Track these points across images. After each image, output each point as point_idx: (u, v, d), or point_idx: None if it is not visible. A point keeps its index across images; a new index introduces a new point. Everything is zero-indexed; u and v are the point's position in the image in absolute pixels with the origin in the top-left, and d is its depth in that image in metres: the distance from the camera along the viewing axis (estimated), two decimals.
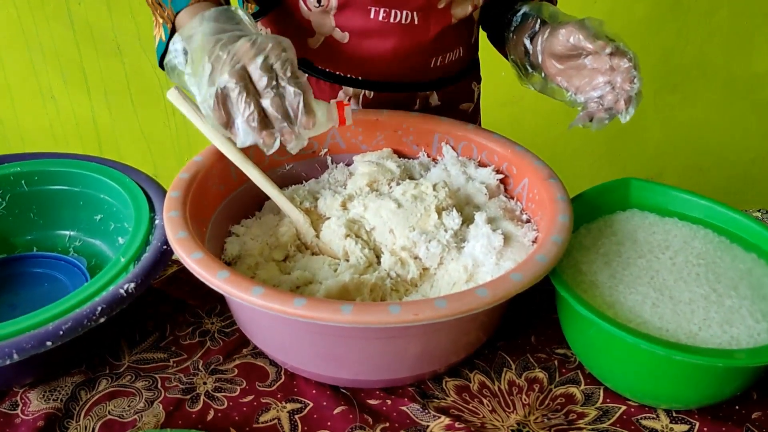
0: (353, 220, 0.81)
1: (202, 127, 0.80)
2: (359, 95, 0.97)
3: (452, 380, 0.75)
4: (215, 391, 0.73)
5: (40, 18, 1.94)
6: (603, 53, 0.77)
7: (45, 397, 0.71)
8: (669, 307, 0.69)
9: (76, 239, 0.89)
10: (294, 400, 0.73)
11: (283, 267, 0.80)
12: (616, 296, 0.70)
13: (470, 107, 1.09)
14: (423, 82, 0.99)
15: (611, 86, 0.77)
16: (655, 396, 0.70)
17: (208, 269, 0.65)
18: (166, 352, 0.78)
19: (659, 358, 0.63)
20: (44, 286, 0.84)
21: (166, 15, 0.79)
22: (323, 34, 0.92)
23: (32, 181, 0.87)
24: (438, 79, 1.00)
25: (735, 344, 0.65)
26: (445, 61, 0.98)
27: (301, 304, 0.60)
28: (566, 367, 0.77)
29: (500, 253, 0.76)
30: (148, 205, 0.81)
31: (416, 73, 0.97)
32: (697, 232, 0.80)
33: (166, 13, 0.78)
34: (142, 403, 0.72)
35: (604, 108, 0.78)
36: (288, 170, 0.91)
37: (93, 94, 2.09)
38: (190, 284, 0.88)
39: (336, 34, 0.91)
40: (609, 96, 0.77)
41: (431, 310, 0.60)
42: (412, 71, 0.96)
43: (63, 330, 0.64)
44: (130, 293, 0.69)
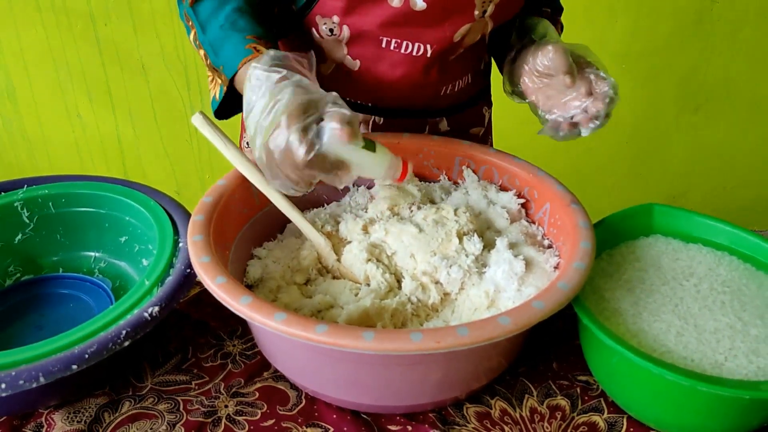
0: (374, 244, 0.81)
1: (225, 152, 0.81)
2: (369, 121, 0.97)
3: (473, 407, 0.75)
4: (236, 415, 0.74)
5: (67, 38, 1.98)
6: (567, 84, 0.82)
7: (69, 419, 0.72)
8: (694, 336, 0.68)
9: (101, 260, 0.90)
10: (314, 424, 0.73)
11: (304, 290, 0.80)
12: (640, 324, 0.70)
13: (480, 131, 1.09)
14: (433, 109, 0.99)
15: (584, 111, 0.82)
16: (680, 426, 0.69)
17: (231, 294, 0.65)
18: (188, 374, 0.79)
19: (684, 388, 0.63)
20: (69, 306, 0.85)
21: (222, 80, 0.80)
22: (335, 60, 0.92)
23: (59, 203, 0.89)
24: (448, 106, 1.00)
25: (762, 375, 0.64)
26: (455, 89, 0.98)
27: (322, 331, 0.61)
28: (589, 394, 0.76)
29: (522, 279, 0.75)
30: (172, 228, 0.82)
31: (426, 101, 0.97)
32: (722, 259, 0.79)
33: (223, 78, 0.80)
34: (164, 426, 0.72)
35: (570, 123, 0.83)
36: (309, 193, 0.91)
37: (118, 112, 2.12)
38: (212, 306, 0.88)
39: (347, 62, 0.92)
40: (579, 116, 0.82)
41: (453, 338, 0.60)
42: (423, 99, 0.97)
43: (88, 353, 0.64)
44: (155, 317, 0.70)
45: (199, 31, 0.82)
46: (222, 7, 0.82)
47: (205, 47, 0.82)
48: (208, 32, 0.81)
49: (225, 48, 0.79)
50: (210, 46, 0.81)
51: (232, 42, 0.79)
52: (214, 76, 0.83)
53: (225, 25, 0.80)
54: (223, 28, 0.80)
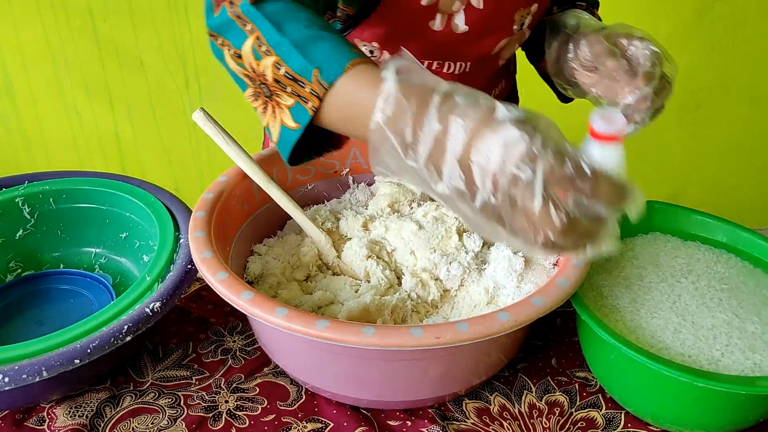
0: (374, 241, 0.82)
1: (225, 148, 0.81)
2: None
3: (472, 402, 0.76)
4: (237, 410, 0.74)
5: (65, 34, 1.98)
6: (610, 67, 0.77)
7: (71, 413, 0.72)
8: (691, 332, 0.69)
9: (102, 256, 0.91)
10: (315, 420, 0.73)
11: (304, 287, 0.81)
12: (638, 321, 0.70)
13: None
14: None
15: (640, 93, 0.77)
16: (677, 422, 0.69)
17: (233, 290, 0.65)
18: (189, 369, 0.79)
19: (681, 384, 0.63)
20: (70, 302, 0.85)
21: (308, 91, 0.60)
22: None
23: (60, 199, 0.89)
24: None
25: (758, 371, 0.65)
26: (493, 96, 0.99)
27: (323, 326, 0.61)
28: (587, 390, 0.77)
29: (521, 276, 0.76)
30: (172, 224, 0.82)
31: None
32: (720, 257, 0.80)
33: (308, 89, 0.60)
34: (165, 420, 0.72)
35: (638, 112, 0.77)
36: (310, 190, 0.92)
37: (116, 109, 2.12)
38: (213, 302, 0.89)
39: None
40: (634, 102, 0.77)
41: (453, 334, 0.61)
42: None
43: (91, 348, 0.65)
44: (156, 312, 0.70)
45: (271, 31, 0.62)
46: (296, 7, 0.65)
47: (281, 50, 0.62)
48: (289, 31, 0.62)
49: (320, 47, 0.61)
50: (294, 46, 0.61)
51: (328, 41, 0.61)
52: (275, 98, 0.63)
53: (311, 25, 0.63)
54: (310, 27, 0.62)
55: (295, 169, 0.90)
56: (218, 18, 0.67)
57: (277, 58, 0.62)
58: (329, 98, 0.59)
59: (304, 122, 0.61)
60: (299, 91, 0.60)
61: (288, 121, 0.62)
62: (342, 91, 0.58)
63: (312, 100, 0.59)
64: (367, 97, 0.55)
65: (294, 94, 0.61)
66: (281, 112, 0.62)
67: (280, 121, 0.63)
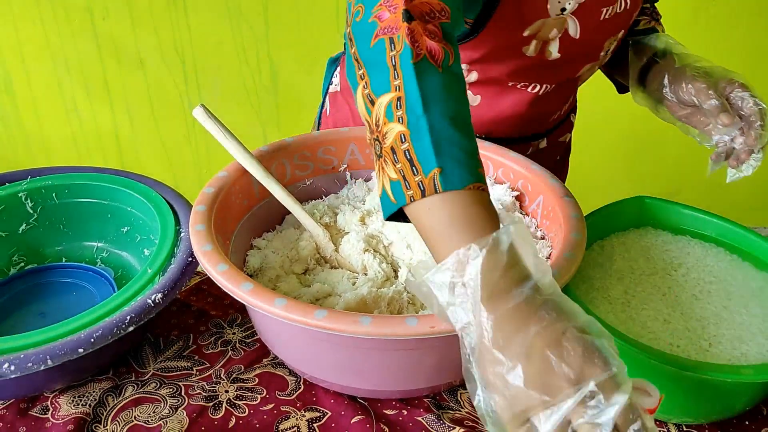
0: (372, 235, 0.83)
1: (226, 144, 0.83)
2: None
3: (467, 392, 0.77)
4: (237, 399, 0.76)
5: (65, 32, 1.99)
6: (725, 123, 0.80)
7: (74, 402, 0.74)
8: (680, 323, 0.70)
9: (104, 250, 0.92)
10: (313, 409, 0.75)
11: (303, 280, 0.82)
12: (629, 312, 0.72)
13: (568, 137, 1.12)
14: (539, 134, 1.02)
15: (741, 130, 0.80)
16: (666, 410, 0.71)
17: (233, 281, 0.67)
18: (190, 360, 0.81)
19: (669, 373, 0.65)
20: (73, 295, 0.87)
21: (417, 182, 0.54)
22: None
23: (62, 194, 0.90)
24: (550, 130, 1.04)
25: (744, 360, 0.67)
26: (561, 113, 1.02)
27: (321, 316, 0.63)
28: None
29: None
30: (173, 218, 0.84)
31: (536, 128, 1.00)
32: (709, 250, 0.82)
33: (418, 179, 0.54)
34: (166, 409, 0.74)
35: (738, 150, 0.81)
36: (308, 185, 0.94)
37: (115, 107, 2.13)
38: (213, 295, 0.90)
39: (468, 96, 0.85)
40: (739, 138, 0.81)
41: (447, 323, 0.62)
42: (533, 128, 0.99)
43: (94, 338, 0.66)
44: (158, 303, 0.72)
45: (415, 103, 0.55)
46: (451, 84, 0.58)
47: (416, 127, 0.55)
48: (432, 114, 0.55)
49: (453, 150, 0.54)
50: (429, 133, 0.54)
51: (463, 149, 0.55)
52: (382, 161, 0.57)
53: (457, 118, 0.56)
54: (455, 121, 0.56)
55: (294, 164, 0.91)
56: (372, 52, 0.59)
57: (407, 131, 0.55)
58: (431, 201, 0.53)
59: (399, 203, 0.56)
60: (407, 174, 0.55)
61: (387, 186, 0.57)
62: (448, 204, 0.53)
63: (415, 192, 0.54)
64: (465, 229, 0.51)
65: (400, 172, 0.55)
66: (384, 177, 0.58)
67: (382, 184, 0.58)
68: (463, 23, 0.78)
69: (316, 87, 2.12)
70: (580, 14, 0.83)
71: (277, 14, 1.98)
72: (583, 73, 0.94)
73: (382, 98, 0.57)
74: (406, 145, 0.55)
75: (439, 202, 0.53)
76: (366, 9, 0.60)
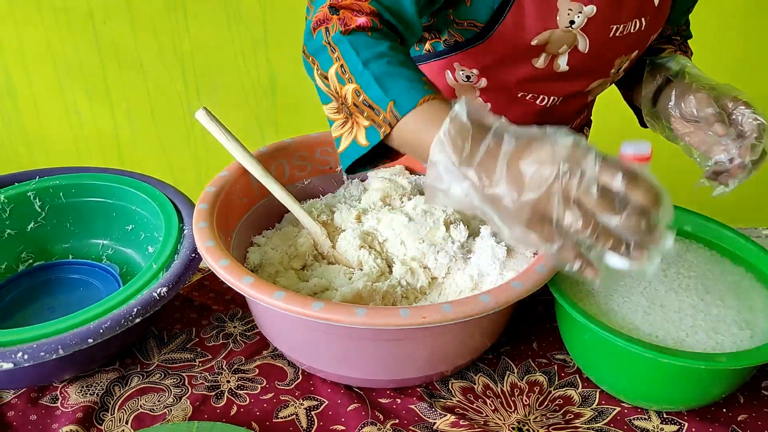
0: (367, 232, 0.87)
1: (227, 145, 0.87)
2: None
3: (458, 382, 0.81)
4: (238, 389, 0.79)
5: (66, 36, 2.02)
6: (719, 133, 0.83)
7: (82, 392, 0.77)
8: (659, 314, 0.74)
9: (109, 248, 0.96)
10: (311, 397, 0.78)
11: (301, 275, 0.86)
12: (611, 305, 0.76)
13: None
14: None
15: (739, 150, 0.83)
16: (647, 398, 0.75)
17: (235, 275, 0.71)
18: (192, 352, 0.84)
19: (648, 361, 0.69)
20: (80, 290, 0.91)
21: (382, 119, 0.67)
22: None
23: (69, 193, 0.94)
24: None
25: (719, 349, 0.70)
26: (573, 126, 1.04)
27: (319, 307, 0.66)
28: (565, 371, 0.82)
29: (504, 264, 0.81)
30: (177, 216, 0.88)
31: None
32: (689, 246, 0.85)
33: (381, 116, 0.67)
34: (171, 398, 0.78)
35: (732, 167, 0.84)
36: (306, 185, 0.97)
37: (116, 109, 2.16)
38: (215, 291, 0.94)
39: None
40: (737, 160, 0.83)
41: (438, 314, 0.66)
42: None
43: (103, 329, 0.70)
44: (163, 296, 0.75)
45: (356, 63, 0.70)
46: (380, 41, 0.72)
47: (362, 80, 0.69)
48: (372, 65, 0.69)
49: (397, 82, 0.67)
50: (373, 79, 0.68)
51: (404, 78, 0.68)
52: (354, 117, 0.71)
53: (392, 61, 0.69)
54: (391, 63, 0.69)
55: (292, 165, 0.95)
56: (314, 42, 0.75)
57: (357, 86, 0.69)
58: (400, 126, 0.66)
59: (373, 142, 0.69)
60: (374, 117, 0.68)
61: (361, 138, 0.70)
62: (412, 121, 0.65)
63: (384, 127, 0.67)
64: (432, 128, 0.62)
65: (369, 118, 0.69)
66: (358, 129, 0.70)
67: (354, 136, 0.71)
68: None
69: (314, 90, 2.15)
70: (589, 30, 0.85)
71: (276, 19, 2.01)
72: (593, 88, 0.96)
73: (330, 71, 0.72)
74: (362, 97, 0.69)
75: (404, 125, 0.66)
76: (310, 13, 0.76)
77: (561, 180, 0.55)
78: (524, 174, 0.57)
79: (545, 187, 0.55)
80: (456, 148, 0.59)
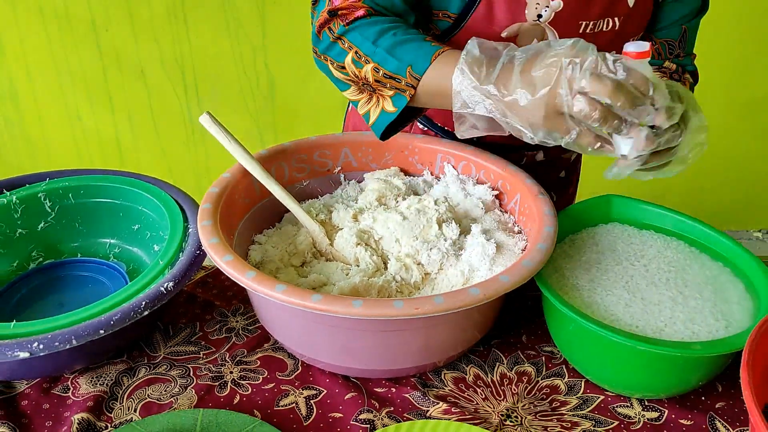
0: (363, 230, 0.91)
1: (229, 147, 0.91)
2: None
3: (450, 372, 0.85)
4: (240, 379, 0.83)
5: (69, 43, 2.06)
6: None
7: (92, 382, 0.81)
8: (640, 307, 0.78)
9: (116, 246, 1.00)
10: (310, 387, 0.82)
11: (300, 271, 0.90)
12: (594, 298, 0.80)
13: (572, 156, 1.18)
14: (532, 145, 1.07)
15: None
16: (629, 386, 0.79)
17: (238, 270, 0.75)
18: (197, 345, 0.88)
19: (628, 349, 0.73)
20: (88, 287, 0.95)
21: (404, 84, 0.79)
22: None
23: (78, 194, 0.98)
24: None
25: (695, 339, 0.74)
26: None
27: (317, 299, 0.70)
28: (552, 362, 0.86)
29: (493, 260, 0.85)
30: (182, 216, 0.92)
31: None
32: (670, 243, 0.89)
33: (404, 82, 0.79)
34: (177, 388, 0.82)
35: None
36: (305, 186, 1.01)
37: (117, 114, 2.20)
38: (217, 287, 0.98)
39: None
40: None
41: (430, 305, 0.70)
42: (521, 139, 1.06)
43: (113, 320, 0.74)
44: (169, 291, 0.79)
45: (367, 45, 0.81)
46: (381, 21, 0.83)
47: (377, 58, 0.80)
48: (380, 42, 0.80)
49: (408, 49, 0.79)
50: (386, 53, 0.80)
51: (414, 42, 0.79)
52: (378, 92, 0.82)
53: (397, 32, 0.81)
54: (396, 35, 0.80)
55: (292, 167, 0.99)
56: (323, 42, 0.86)
57: (374, 64, 0.81)
58: (422, 84, 0.78)
59: (400, 107, 0.81)
60: (397, 85, 0.80)
61: (388, 107, 0.82)
62: (431, 75, 0.77)
63: (409, 90, 0.79)
64: (451, 72, 0.72)
65: (393, 87, 0.81)
66: (383, 101, 0.82)
67: (381, 107, 0.83)
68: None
69: (312, 95, 2.21)
70: (557, 24, 0.90)
71: (275, 26, 2.06)
72: None
73: (346, 60, 0.83)
74: (382, 72, 0.80)
75: (426, 82, 0.78)
76: (314, 19, 0.87)
77: (565, 74, 0.66)
78: (535, 77, 0.68)
79: (553, 81, 0.66)
80: (474, 73, 0.71)
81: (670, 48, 1.03)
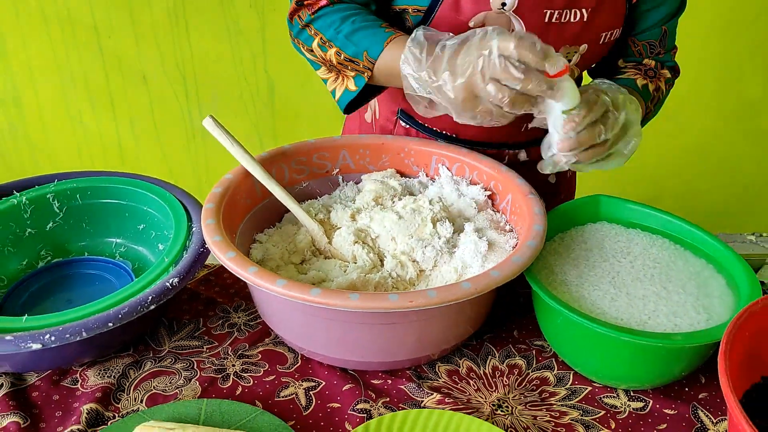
0: (361, 229, 0.94)
1: (231, 150, 0.94)
2: None
3: (444, 365, 0.88)
4: (242, 372, 0.86)
5: (72, 48, 2.09)
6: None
7: (100, 375, 0.85)
8: (625, 301, 0.82)
9: (122, 246, 1.03)
10: (309, 379, 0.86)
11: (300, 269, 0.93)
12: (581, 292, 0.83)
13: None
14: (512, 142, 1.11)
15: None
16: (615, 377, 0.82)
17: (241, 265, 0.78)
18: (200, 340, 0.92)
19: (613, 340, 0.76)
20: (95, 284, 0.98)
21: (362, 66, 0.91)
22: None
23: (85, 195, 1.01)
24: (526, 141, 1.12)
25: (677, 330, 0.78)
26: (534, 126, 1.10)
27: (316, 293, 0.74)
28: (542, 355, 0.90)
29: (485, 257, 0.89)
30: (186, 216, 0.95)
31: (506, 137, 1.09)
32: (655, 241, 0.93)
33: (362, 65, 0.90)
34: (181, 380, 0.85)
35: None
36: (304, 187, 1.05)
37: (119, 119, 2.23)
38: (220, 285, 1.01)
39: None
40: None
41: (424, 299, 0.74)
42: (502, 135, 1.09)
43: (121, 314, 0.77)
44: (174, 286, 0.83)
45: (330, 31, 0.93)
46: (342, 10, 0.93)
47: (339, 42, 0.92)
48: (341, 28, 0.92)
49: (365, 35, 0.90)
50: (345, 38, 0.91)
51: (370, 29, 0.90)
52: (342, 72, 0.94)
53: (356, 20, 0.91)
54: (355, 22, 0.91)
55: (292, 169, 1.03)
56: (294, 28, 0.99)
57: (336, 48, 0.92)
58: (377, 67, 0.89)
59: (360, 86, 0.92)
60: (356, 67, 0.92)
61: (351, 86, 0.94)
62: (384, 59, 0.88)
63: (366, 72, 0.91)
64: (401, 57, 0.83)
65: (353, 69, 0.92)
66: (347, 80, 0.94)
67: (345, 86, 0.95)
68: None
69: (311, 99, 2.24)
70: (522, 12, 0.92)
71: (274, 31, 2.09)
72: None
73: (313, 44, 0.96)
74: (343, 56, 0.92)
75: (380, 64, 0.89)
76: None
77: (477, 63, 0.75)
78: (458, 65, 0.77)
79: (469, 70, 0.76)
80: (416, 59, 0.81)
81: (651, 48, 1.07)
